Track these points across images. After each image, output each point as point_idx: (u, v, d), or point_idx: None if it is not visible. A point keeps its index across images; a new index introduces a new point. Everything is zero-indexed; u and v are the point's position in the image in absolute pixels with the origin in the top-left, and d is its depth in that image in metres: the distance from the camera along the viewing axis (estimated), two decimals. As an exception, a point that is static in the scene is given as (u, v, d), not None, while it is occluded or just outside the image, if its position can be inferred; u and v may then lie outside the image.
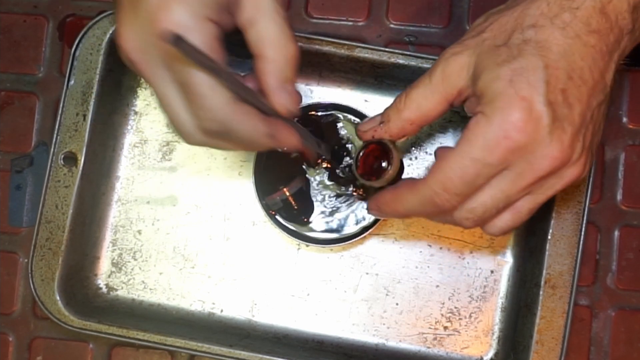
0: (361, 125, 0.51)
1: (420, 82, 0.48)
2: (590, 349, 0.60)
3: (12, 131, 0.64)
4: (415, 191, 0.47)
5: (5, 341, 0.62)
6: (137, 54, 0.44)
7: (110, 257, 0.62)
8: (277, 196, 0.58)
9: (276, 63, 0.45)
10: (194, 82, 0.42)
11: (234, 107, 0.43)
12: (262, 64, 0.45)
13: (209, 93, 0.42)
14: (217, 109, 0.43)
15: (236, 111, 0.43)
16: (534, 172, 0.44)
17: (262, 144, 0.46)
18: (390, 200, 0.49)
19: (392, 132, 0.49)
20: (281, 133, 0.46)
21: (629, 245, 0.61)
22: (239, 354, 0.57)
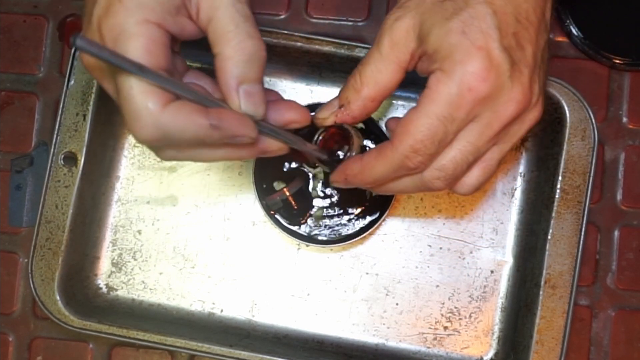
0: (319, 113, 0.50)
1: (370, 57, 0.46)
2: (590, 349, 0.60)
3: (12, 131, 0.64)
4: (385, 158, 0.46)
5: (5, 341, 0.62)
6: (95, 70, 0.44)
7: (110, 257, 0.62)
8: (277, 196, 0.58)
9: (232, 60, 0.43)
10: (120, 88, 0.41)
11: (164, 108, 0.41)
12: (217, 61, 0.43)
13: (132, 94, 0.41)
14: (145, 111, 0.41)
15: (168, 110, 0.41)
16: (500, 119, 0.43)
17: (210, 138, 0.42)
18: (359, 171, 0.48)
19: (354, 113, 0.48)
20: (227, 121, 0.42)
21: (629, 245, 0.61)
22: (239, 354, 0.57)
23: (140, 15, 0.41)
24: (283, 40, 0.58)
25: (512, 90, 0.43)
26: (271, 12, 0.63)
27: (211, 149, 0.44)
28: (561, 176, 0.57)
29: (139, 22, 0.41)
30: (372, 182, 0.48)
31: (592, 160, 0.56)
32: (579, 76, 0.61)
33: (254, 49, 0.43)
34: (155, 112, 0.41)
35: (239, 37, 0.43)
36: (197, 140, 0.42)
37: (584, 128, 0.57)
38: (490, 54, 0.42)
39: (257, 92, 0.44)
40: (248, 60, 0.43)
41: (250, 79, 0.43)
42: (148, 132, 0.41)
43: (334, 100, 0.49)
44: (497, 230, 0.61)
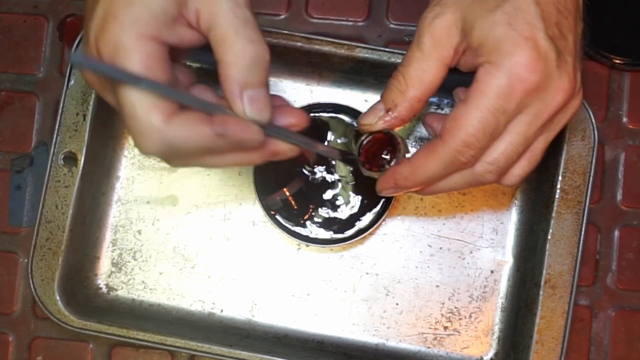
0: (363, 119, 0.49)
1: (412, 56, 0.46)
2: (590, 349, 0.60)
3: (12, 131, 0.64)
4: (436, 156, 0.45)
5: (5, 341, 0.62)
6: (96, 85, 0.44)
7: (110, 257, 0.62)
8: (277, 196, 0.58)
9: (234, 66, 0.42)
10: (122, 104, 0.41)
11: (169, 121, 0.41)
12: (220, 69, 0.42)
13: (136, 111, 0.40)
14: (149, 127, 0.40)
15: (172, 123, 0.41)
16: (549, 108, 0.44)
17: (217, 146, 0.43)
18: (410, 174, 0.47)
19: (402, 116, 0.47)
20: (231, 128, 0.42)
21: (629, 245, 0.61)
22: (239, 354, 0.57)
23: (135, 31, 0.40)
24: (283, 40, 0.58)
25: (560, 79, 0.43)
26: (271, 12, 0.63)
27: (220, 156, 0.44)
28: (561, 176, 0.57)
29: (134, 38, 0.40)
30: (424, 183, 0.47)
31: (592, 160, 0.56)
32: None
33: (256, 53, 0.42)
34: (160, 126, 0.40)
35: (240, 43, 0.42)
36: (204, 149, 0.43)
37: (584, 128, 0.57)
38: (538, 44, 0.42)
39: (262, 96, 0.43)
40: (250, 65, 0.42)
41: (254, 84, 0.43)
42: (154, 146, 0.41)
43: (377, 104, 0.48)
44: (497, 230, 0.61)
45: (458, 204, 0.61)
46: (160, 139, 0.41)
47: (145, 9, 0.41)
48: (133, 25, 0.40)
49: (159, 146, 0.41)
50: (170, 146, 0.41)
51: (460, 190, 0.54)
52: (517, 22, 0.42)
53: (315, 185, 0.59)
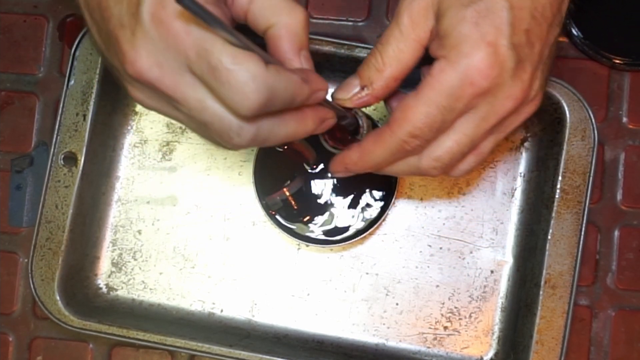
0: (338, 93, 0.49)
1: (390, 35, 0.46)
2: (590, 349, 0.60)
3: (12, 131, 0.64)
4: (384, 144, 0.46)
5: (5, 341, 0.62)
6: (153, 69, 0.41)
7: (110, 257, 0.62)
8: (277, 196, 0.58)
9: (289, 27, 0.43)
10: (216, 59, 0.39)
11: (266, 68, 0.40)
12: (275, 31, 0.43)
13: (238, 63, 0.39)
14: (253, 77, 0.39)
15: (270, 70, 0.40)
16: (497, 114, 0.44)
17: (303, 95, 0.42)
18: (359, 159, 0.48)
19: (377, 94, 0.48)
20: (311, 75, 0.44)
21: (629, 245, 0.61)
22: (239, 354, 0.57)
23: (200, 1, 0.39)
24: (283, 40, 0.58)
25: (511, 87, 0.43)
26: (271, 12, 0.63)
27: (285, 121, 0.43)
28: (561, 176, 0.57)
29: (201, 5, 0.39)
30: (372, 168, 0.48)
31: (592, 160, 0.56)
32: (579, 76, 0.61)
33: (304, 15, 0.43)
34: (263, 72, 0.40)
35: (291, 7, 0.43)
36: (292, 98, 0.42)
37: (584, 128, 0.57)
38: (498, 51, 0.42)
39: (310, 57, 0.45)
40: (303, 27, 0.43)
41: (306, 45, 0.44)
42: (259, 96, 0.40)
43: (352, 79, 0.48)
44: (497, 230, 0.61)
45: (458, 204, 0.61)
46: (266, 86, 0.40)
47: None
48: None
49: (263, 95, 0.40)
50: (272, 94, 0.40)
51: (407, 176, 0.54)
52: (484, 24, 0.42)
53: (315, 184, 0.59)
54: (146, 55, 0.41)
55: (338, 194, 0.59)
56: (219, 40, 0.39)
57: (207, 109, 0.41)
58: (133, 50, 0.41)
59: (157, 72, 0.41)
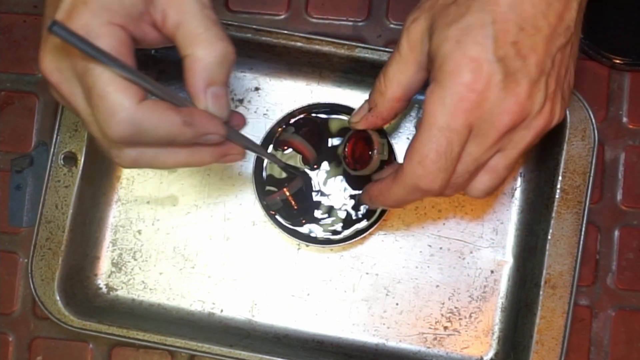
0: (352, 117, 0.52)
1: (392, 58, 0.48)
2: (590, 349, 0.60)
3: (12, 131, 0.64)
4: (398, 181, 0.46)
5: (5, 341, 0.62)
6: (54, 74, 0.43)
7: (110, 257, 0.62)
8: (277, 196, 0.58)
9: (202, 61, 0.43)
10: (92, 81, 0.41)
11: (140, 103, 0.41)
12: (187, 63, 0.43)
13: (108, 91, 0.40)
14: (120, 108, 0.40)
15: (143, 106, 0.41)
16: (495, 129, 0.43)
17: (182, 136, 0.43)
18: (379, 194, 0.49)
19: (383, 115, 0.50)
20: (200, 118, 0.43)
21: (629, 245, 0.61)
22: (239, 354, 0.57)
23: (106, 17, 0.41)
24: (283, 40, 0.58)
25: (504, 100, 0.43)
26: (271, 12, 0.63)
27: (176, 152, 0.44)
28: (561, 176, 0.57)
29: (104, 24, 0.41)
30: (393, 205, 0.49)
31: (592, 160, 0.56)
32: (579, 76, 0.61)
33: (225, 51, 0.44)
34: (132, 108, 0.40)
35: (210, 39, 0.43)
36: (168, 137, 0.42)
37: (584, 128, 0.57)
38: (481, 66, 0.42)
39: (224, 94, 0.44)
40: (219, 62, 0.43)
41: (218, 82, 0.44)
42: (123, 128, 0.41)
43: (365, 103, 0.51)
44: (497, 230, 0.61)
45: (458, 204, 0.61)
46: (131, 120, 0.41)
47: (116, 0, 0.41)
48: (103, 12, 0.41)
49: (127, 128, 0.41)
50: (139, 129, 0.41)
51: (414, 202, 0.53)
52: (466, 41, 0.42)
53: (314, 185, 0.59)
54: (50, 59, 0.43)
55: (338, 194, 0.59)
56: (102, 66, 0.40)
57: (92, 124, 0.42)
58: (43, 51, 0.43)
59: (57, 77, 0.43)
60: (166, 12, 0.43)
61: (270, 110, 0.62)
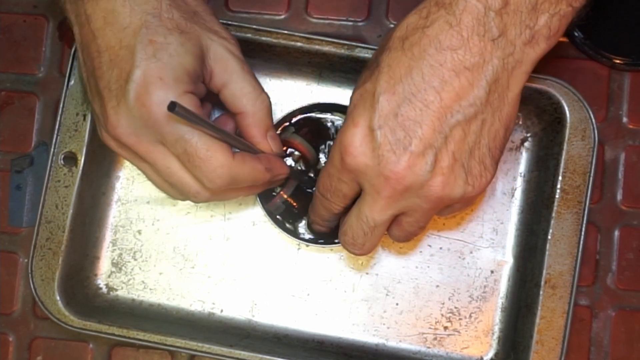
0: None
1: None
2: (590, 349, 0.60)
3: (12, 131, 0.64)
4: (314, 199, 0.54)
5: (5, 341, 0.62)
6: (131, 137, 0.48)
7: (110, 257, 0.62)
8: (277, 200, 0.58)
9: (256, 116, 0.51)
10: (193, 148, 0.47)
11: (234, 159, 0.48)
12: (244, 119, 0.51)
13: (209, 154, 0.47)
14: (220, 166, 0.47)
15: (237, 161, 0.48)
16: (376, 191, 0.46)
17: (264, 180, 0.51)
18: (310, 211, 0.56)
19: None
20: (275, 164, 0.52)
21: (629, 245, 0.61)
22: (239, 354, 0.57)
23: (181, 89, 0.47)
24: (283, 40, 0.58)
25: (380, 166, 0.45)
26: (271, 12, 0.63)
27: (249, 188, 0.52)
28: (561, 176, 0.57)
29: (181, 94, 0.47)
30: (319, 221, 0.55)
31: (592, 160, 0.56)
32: (579, 76, 0.61)
33: (268, 101, 0.52)
34: (229, 163, 0.48)
35: (256, 95, 0.51)
36: (254, 181, 0.51)
37: (584, 128, 0.57)
38: (363, 132, 0.45)
39: (276, 134, 0.54)
40: (268, 112, 0.52)
41: (270, 127, 0.53)
42: (224, 181, 0.48)
43: None
44: (497, 230, 0.61)
45: (458, 204, 0.61)
46: (228, 174, 0.48)
47: (182, 70, 0.47)
48: (177, 85, 0.47)
49: (226, 180, 0.48)
50: (234, 180, 0.49)
51: None
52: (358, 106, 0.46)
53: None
54: (126, 125, 0.48)
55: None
56: (196, 132, 0.47)
57: (174, 174, 0.49)
58: (116, 116, 0.48)
59: (133, 139, 0.48)
60: (213, 71, 0.50)
61: (270, 110, 0.62)
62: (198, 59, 0.48)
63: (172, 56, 0.47)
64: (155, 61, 0.46)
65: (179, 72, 0.47)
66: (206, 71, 0.50)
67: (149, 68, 0.46)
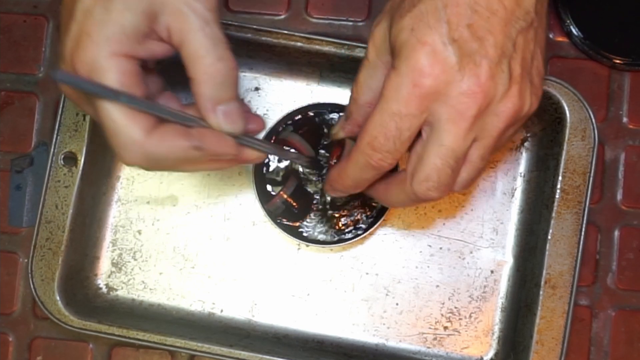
0: (332, 129, 0.53)
1: (362, 65, 0.48)
2: (590, 349, 0.60)
3: (12, 131, 0.64)
4: (352, 159, 0.47)
5: (5, 341, 0.62)
6: (70, 92, 0.46)
7: (110, 257, 0.62)
8: (277, 200, 0.58)
9: (206, 84, 0.44)
10: (104, 119, 0.43)
11: (149, 136, 0.43)
12: (193, 87, 0.44)
13: (119, 128, 0.42)
14: (131, 143, 0.43)
15: (152, 137, 0.43)
16: (459, 113, 0.43)
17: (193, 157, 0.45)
18: (337, 176, 0.49)
19: (358, 121, 0.49)
20: (208, 141, 0.45)
21: (629, 245, 0.61)
22: (239, 354, 0.57)
23: (109, 49, 0.42)
24: (283, 40, 0.58)
25: (463, 81, 0.42)
26: (271, 12, 0.63)
27: (194, 165, 0.46)
28: (561, 176, 0.57)
29: (108, 56, 0.42)
30: (352, 185, 0.49)
31: (592, 160, 0.56)
32: (579, 76, 0.61)
33: (226, 70, 0.44)
34: (141, 141, 0.43)
35: (210, 61, 0.44)
36: (181, 161, 0.45)
37: (584, 128, 0.57)
38: (435, 49, 0.42)
39: (234, 109, 0.45)
40: (221, 82, 0.44)
41: (226, 99, 0.45)
42: (136, 159, 0.43)
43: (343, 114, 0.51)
44: (497, 230, 0.61)
45: (458, 204, 0.61)
46: (142, 152, 0.43)
47: (118, 28, 0.42)
48: (107, 44, 0.42)
49: (140, 158, 0.43)
50: (151, 158, 0.43)
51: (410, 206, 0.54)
52: (420, 27, 0.42)
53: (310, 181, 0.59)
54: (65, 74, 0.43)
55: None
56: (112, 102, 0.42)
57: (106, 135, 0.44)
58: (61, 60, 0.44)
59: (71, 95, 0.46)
60: (170, 28, 0.44)
61: (270, 110, 0.62)
62: (144, 16, 0.43)
63: (108, 12, 0.42)
64: (89, 17, 0.42)
65: (112, 31, 0.42)
66: (162, 29, 0.44)
67: (83, 24, 0.42)
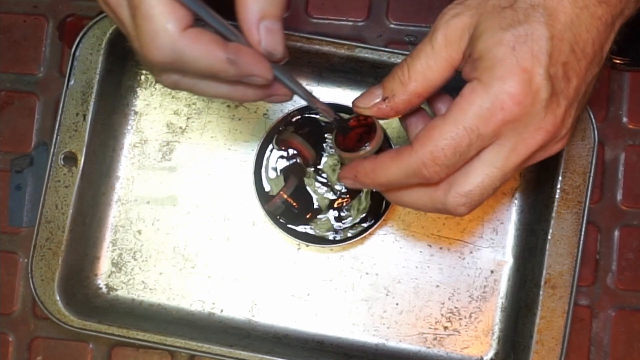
0: (359, 100, 0.47)
1: (422, 50, 0.44)
2: (590, 349, 0.60)
3: (12, 131, 0.64)
4: (401, 161, 0.44)
5: (5, 341, 0.62)
6: None
7: (110, 257, 0.62)
8: (277, 200, 0.58)
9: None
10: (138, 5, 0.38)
11: (184, 32, 0.39)
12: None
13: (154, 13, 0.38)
14: (163, 31, 0.38)
15: (187, 34, 0.39)
16: (527, 146, 0.42)
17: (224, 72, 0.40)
18: (371, 170, 0.46)
19: (399, 107, 0.45)
20: (245, 58, 0.40)
21: (629, 245, 0.61)
22: (239, 354, 0.57)
23: None
24: (283, 40, 0.58)
25: (544, 119, 0.41)
26: (271, 12, 0.63)
27: (218, 84, 0.42)
28: (561, 176, 0.57)
29: None
30: (383, 185, 0.46)
31: (592, 160, 0.56)
32: (579, 76, 0.61)
33: None
34: (174, 33, 0.38)
35: None
36: (209, 72, 0.40)
37: (584, 128, 0.57)
38: (532, 79, 0.41)
39: (278, 29, 0.41)
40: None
41: (272, 15, 0.41)
42: (163, 53, 0.39)
43: (375, 89, 0.46)
44: (497, 230, 0.61)
45: (458, 204, 0.61)
46: (172, 47, 0.39)
47: None
48: None
49: (167, 54, 0.39)
50: (179, 57, 0.39)
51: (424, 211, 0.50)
52: (522, 50, 0.41)
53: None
54: None
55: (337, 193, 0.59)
56: None
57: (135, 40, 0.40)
58: None
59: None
60: None
61: (270, 110, 0.62)
62: None
63: None
64: None
65: None
66: None
67: None
